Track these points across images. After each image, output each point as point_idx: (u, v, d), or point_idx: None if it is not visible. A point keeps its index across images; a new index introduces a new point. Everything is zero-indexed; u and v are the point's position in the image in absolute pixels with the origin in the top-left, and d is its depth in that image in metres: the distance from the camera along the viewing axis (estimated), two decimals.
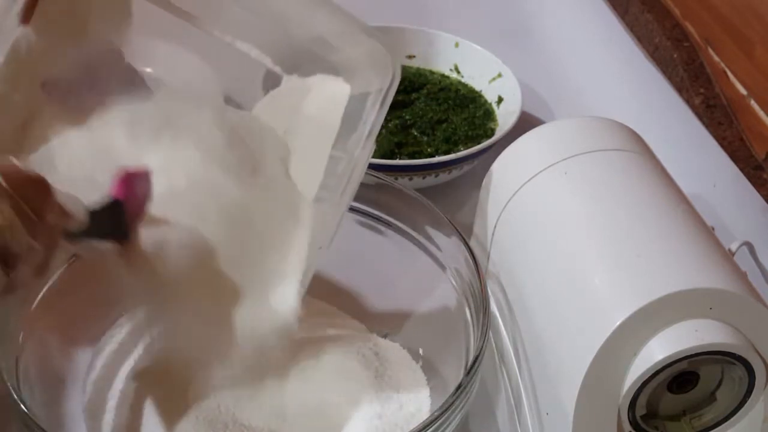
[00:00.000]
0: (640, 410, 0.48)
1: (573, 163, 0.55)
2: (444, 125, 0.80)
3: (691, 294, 0.45)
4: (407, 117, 0.80)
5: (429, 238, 0.60)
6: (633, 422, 0.48)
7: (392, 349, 0.59)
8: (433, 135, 0.78)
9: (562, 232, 0.53)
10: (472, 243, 0.59)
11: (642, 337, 0.45)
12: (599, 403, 0.46)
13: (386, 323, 0.62)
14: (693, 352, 0.45)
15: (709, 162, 0.79)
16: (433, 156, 0.75)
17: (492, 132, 0.79)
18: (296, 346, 0.55)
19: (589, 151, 0.56)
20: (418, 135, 0.78)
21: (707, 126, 0.83)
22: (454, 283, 0.58)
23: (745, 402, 0.48)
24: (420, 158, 0.75)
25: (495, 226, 0.58)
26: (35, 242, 0.41)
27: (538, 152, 0.58)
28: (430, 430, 0.47)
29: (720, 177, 0.77)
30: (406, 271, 0.62)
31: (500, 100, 0.82)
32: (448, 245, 0.58)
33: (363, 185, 0.62)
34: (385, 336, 0.60)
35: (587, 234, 0.51)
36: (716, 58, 0.88)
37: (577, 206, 0.53)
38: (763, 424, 0.49)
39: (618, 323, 0.45)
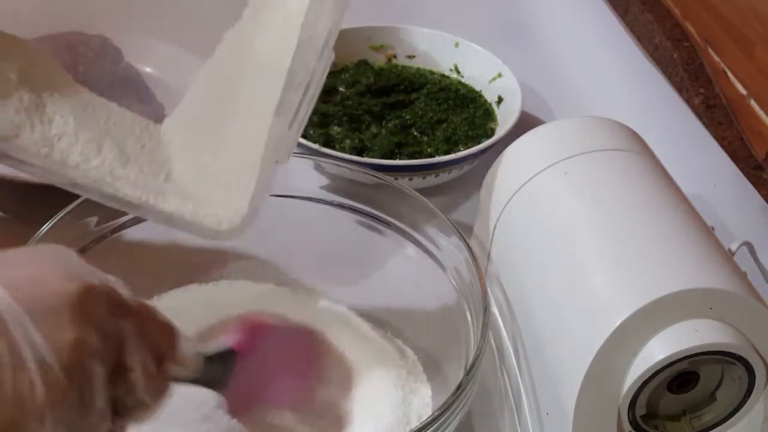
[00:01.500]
0: (640, 410, 0.48)
1: (573, 163, 0.55)
2: (444, 125, 0.79)
3: (691, 294, 0.45)
4: (407, 117, 0.79)
5: (429, 238, 0.60)
6: (633, 422, 0.48)
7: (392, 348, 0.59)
8: (433, 135, 0.78)
9: (562, 232, 0.53)
10: (472, 243, 0.59)
11: (642, 337, 0.45)
12: (599, 403, 0.47)
13: (386, 323, 0.62)
14: (693, 352, 0.45)
15: (709, 162, 0.79)
16: (433, 156, 0.75)
17: (492, 132, 0.79)
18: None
19: (589, 151, 0.56)
20: (418, 135, 0.78)
21: (707, 126, 0.83)
22: (454, 283, 0.58)
23: (745, 402, 0.48)
24: (420, 158, 0.74)
25: (495, 226, 0.58)
26: (146, 396, 0.38)
27: (538, 152, 0.58)
28: (431, 429, 0.47)
29: (720, 177, 0.77)
30: (406, 271, 0.62)
31: (500, 100, 0.82)
32: (448, 245, 0.58)
33: (363, 185, 0.62)
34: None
35: (587, 234, 0.51)
36: (716, 58, 0.88)
37: (577, 206, 0.53)
38: (763, 424, 0.49)
39: (618, 323, 0.45)
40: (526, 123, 0.73)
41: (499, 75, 0.84)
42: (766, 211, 0.73)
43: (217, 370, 0.45)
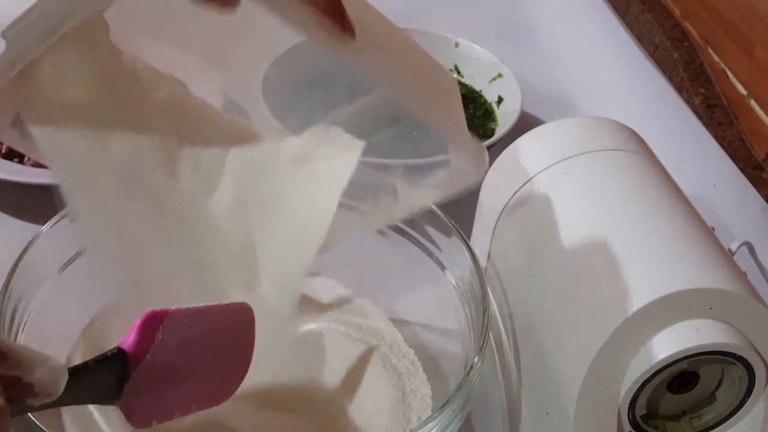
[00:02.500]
0: (640, 410, 0.48)
1: (573, 163, 0.55)
2: None
3: (691, 294, 0.45)
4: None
5: (429, 238, 0.60)
6: (633, 422, 0.48)
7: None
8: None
9: (562, 232, 0.53)
10: (472, 243, 0.59)
11: (642, 337, 0.45)
12: (599, 403, 0.46)
13: None
14: (693, 352, 0.45)
15: (709, 162, 0.79)
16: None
17: (492, 132, 0.79)
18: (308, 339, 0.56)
19: (589, 151, 0.56)
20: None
21: (707, 126, 0.84)
22: (454, 283, 0.58)
23: (745, 402, 0.48)
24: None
25: (495, 226, 0.58)
26: None
27: (538, 152, 0.58)
28: (431, 429, 0.47)
29: (720, 177, 0.77)
30: (406, 271, 0.62)
31: (500, 100, 0.82)
32: (448, 245, 0.58)
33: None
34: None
35: (587, 234, 0.51)
36: (716, 58, 0.88)
37: (577, 206, 0.53)
38: (763, 424, 0.49)
39: (618, 323, 0.45)
40: (526, 123, 0.73)
41: (499, 75, 0.84)
42: (766, 211, 0.73)
43: (100, 385, 0.39)
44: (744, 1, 0.83)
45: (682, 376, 0.47)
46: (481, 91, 0.85)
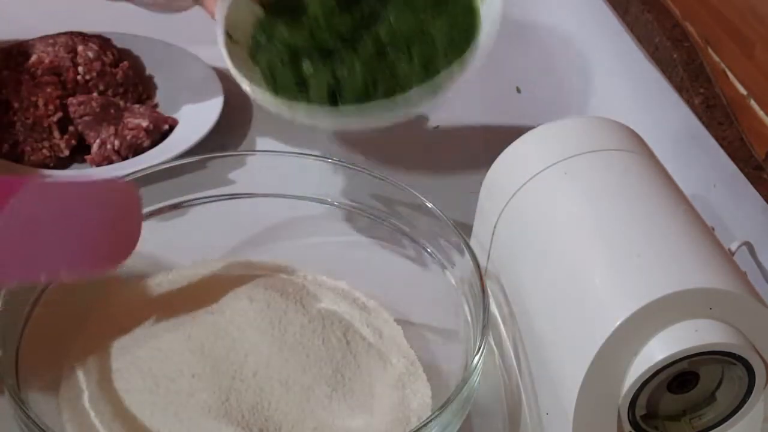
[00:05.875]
0: (640, 410, 0.48)
1: (573, 163, 0.55)
2: (421, 44, 0.65)
3: (691, 294, 0.45)
4: (382, 35, 0.65)
5: (429, 238, 0.60)
6: (633, 422, 0.48)
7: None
8: (410, 59, 0.64)
9: (562, 232, 0.53)
10: (472, 243, 0.59)
11: (642, 337, 0.45)
12: (599, 403, 0.46)
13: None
14: (693, 352, 0.45)
15: (709, 162, 0.79)
16: (411, 83, 0.63)
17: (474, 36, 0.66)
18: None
19: (589, 151, 0.56)
20: (395, 60, 0.64)
21: (707, 126, 0.83)
22: (454, 283, 0.58)
23: (745, 402, 0.48)
24: (398, 94, 0.63)
25: (495, 226, 0.58)
26: None
27: (538, 152, 0.58)
28: (431, 429, 0.47)
29: (720, 177, 0.77)
30: (406, 271, 0.62)
31: None
32: (448, 245, 0.58)
33: (362, 185, 0.62)
34: None
35: (587, 234, 0.51)
36: (716, 58, 0.88)
37: (577, 206, 0.53)
38: (763, 424, 0.49)
39: (618, 323, 0.45)
40: (525, 123, 0.73)
41: None
42: (766, 211, 0.73)
43: None
44: (744, 1, 0.83)
45: (682, 376, 0.47)
46: None
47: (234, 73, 0.62)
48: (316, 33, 0.65)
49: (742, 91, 0.84)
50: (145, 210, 0.61)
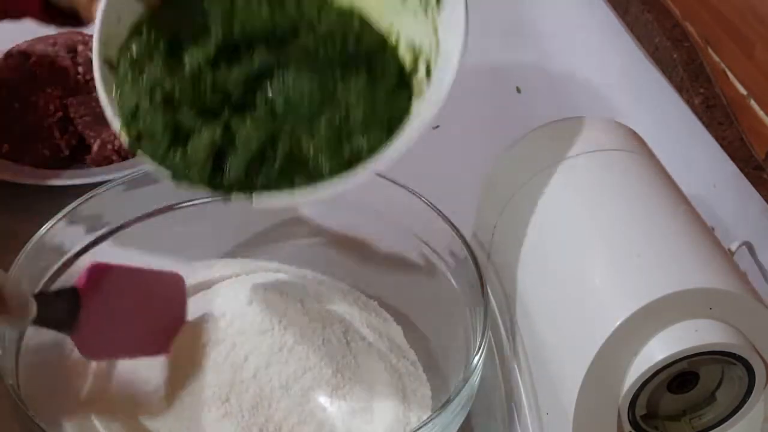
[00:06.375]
0: (640, 410, 0.48)
1: (573, 163, 0.55)
2: (329, 113, 0.50)
3: (691, 294, 0.45)
4: (277, 99, 0.50)
5: (429, 238, 0.60)
6: (633, 422, 0.48)
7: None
8: (313, 128, 0.50)
9: (562, 232, 0.53)
10: (472, 243, 0.59)
11: (642, 337, 0.45)
12: (599, 403, 0.46)
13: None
14: (693, 352, 0.45)
15: (709, 162, 0.79)
16: (318, 159, 0.49)
17: (406, 111, 0.51)
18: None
19: (589, 151, 0.56)
20: (294, 126, 0.50)
21: (707, 126, 0.84)
22: (454, 283, 0.58)
23: (745, 402, 0.48)
24: (300, 162, 0.49)
25: (495, 226, 0.58)
26: None
27: (538, 152, 0.58)
28: (431, 429, 0.47)
29: (720, 177, 0.77)
30: (406, 271, 0.62)
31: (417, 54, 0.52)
32: (448, 245, 0.58)
33: (362, 185, 0.62)
34: None
35: (587, 234, 0.51)
36: (716, 58, 0.88)
37: (577, 206, 0.53)
38: (763, 424, 0.49)
39: (618, 323, 0.45)
40: (526, 124, 0.73)
41: None
42: (766, 211, 0.73)
43: (58, 312, 0.47)
44: (744, 1, 0.83)
45: (682, 376, 0.47)
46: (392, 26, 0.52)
47: (103, 102, 0.50)
48: (197, 82, 0.50)
49: (742, 91, 0.84)
50: (145, 210, 0.61)
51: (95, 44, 0.51)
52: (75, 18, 0.59)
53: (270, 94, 0.51)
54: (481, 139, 0.84)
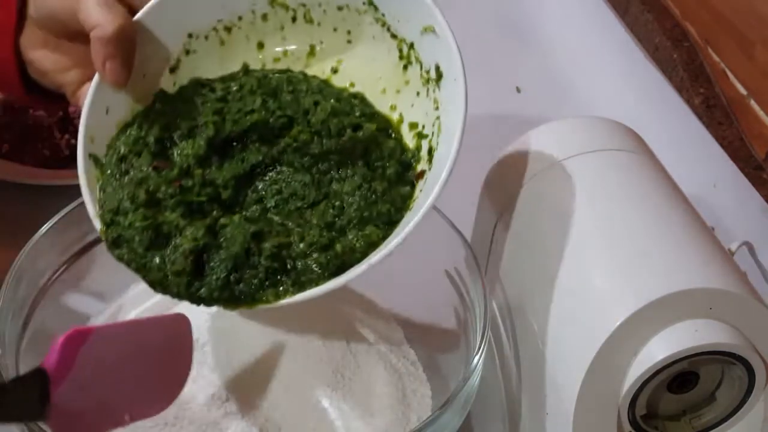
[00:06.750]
0: (640, 410, 0.48)
1: (573, 163, 0.55)
2: (322, 205, 0.50)
3: (691, 294, 0.45)
4: (267, 197, 0.50)
5: (429, 238, 0.60)
6: (633, 422, 0.48)
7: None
8: (304, 221, 0.49)
9: (562, 232, 0.53)
10: (472, 243, 0.59)
11: (642, 337, 0.45)
12: (599, 403, 0.46)
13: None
14: (693, 352, 0.45)
15: (709, 162, 0.79)
16: (306, 253, 0.47)
17: (409, 198, 0.50)
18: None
19: (589, 151, 0.56)
20: (282, 221, 0.49)
21: (707, 126, 0.84)
22: (454, 283, 0.58)
23: (745, 402, 0.48)
24: (288, 256, 0.47)
25: (495, 226, 0.58)
26: None
27: (538, 152, 0.58)
28: (431, 429, 0.47)
29: (720, 177, 0.77)
30: (406, 271, 0.62)
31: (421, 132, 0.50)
32: (448, 245, 0.58)
33: None
34: None
35: (587, 234, 0.51)
36: (716, 58, 0.88)
37: (577, 206, 0.53)
38: (763, 424, 0.49)
39: (618, 323, 0.45)
40: (526, 124, 0.73)
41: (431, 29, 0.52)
42: (766, 211, 0.73)
43: (20, 403, 0.39)
44: (744, 1, 0.83)
45: (682, 376, 0.47)
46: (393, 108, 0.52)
47: (86, 200, 0.49)
48: (183, 180, 0.49)
49: (742, 91, 0.84)
50: None
51: (80, 139, 0.50)
52: (62, 98, 0.56)
53: (261, 191, 0.50)
54: (481, 139, 0.84)
